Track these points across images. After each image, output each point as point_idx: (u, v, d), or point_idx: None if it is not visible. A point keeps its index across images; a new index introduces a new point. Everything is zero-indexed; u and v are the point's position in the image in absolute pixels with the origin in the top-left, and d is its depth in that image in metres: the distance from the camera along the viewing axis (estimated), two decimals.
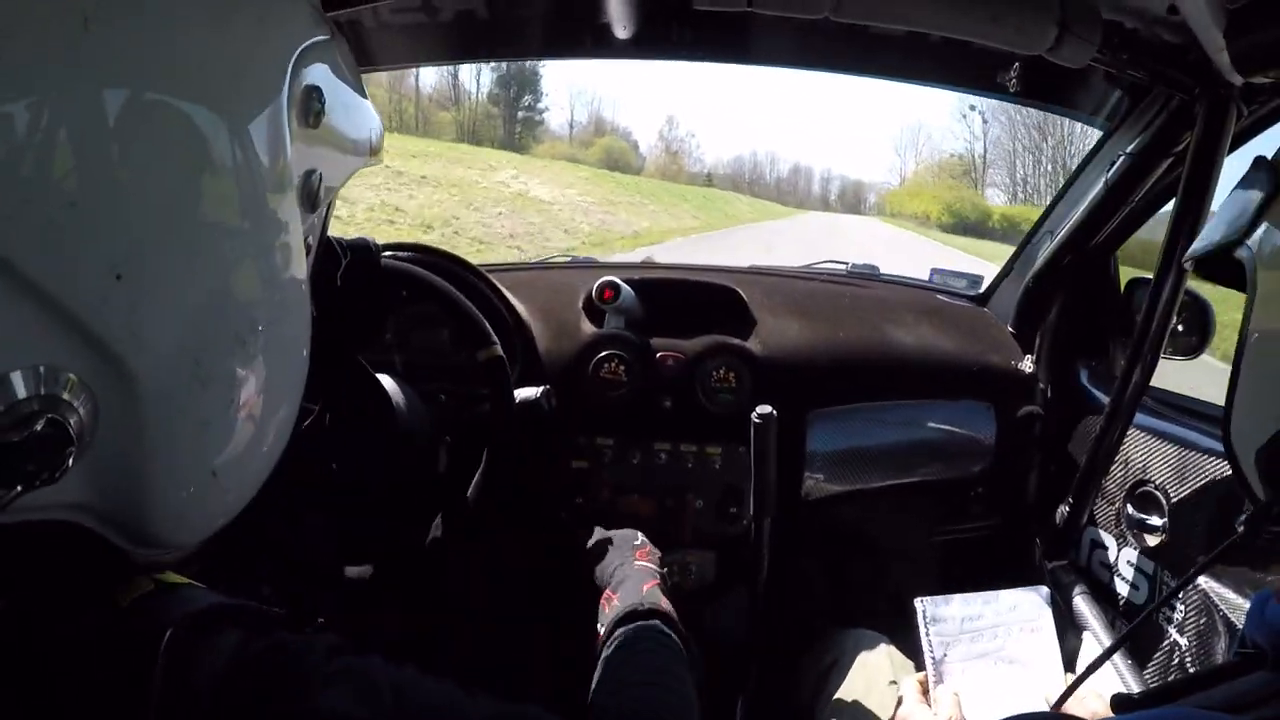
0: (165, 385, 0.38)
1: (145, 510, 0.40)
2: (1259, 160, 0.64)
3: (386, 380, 1.00)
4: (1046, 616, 0.90)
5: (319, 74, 0.46)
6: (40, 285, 0.32)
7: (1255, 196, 0.62)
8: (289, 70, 0.44)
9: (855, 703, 1.00)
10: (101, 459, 0.37)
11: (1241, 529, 0.57)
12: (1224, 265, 0.64)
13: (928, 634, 0.89)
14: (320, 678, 0.41)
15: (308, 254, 0.50)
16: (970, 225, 31.68)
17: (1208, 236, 0.70)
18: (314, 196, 0.48)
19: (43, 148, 0.32)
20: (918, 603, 0.91)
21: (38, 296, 0.33)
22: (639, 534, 0.97)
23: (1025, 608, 0.91)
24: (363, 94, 0.56)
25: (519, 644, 1.32)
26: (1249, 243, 0.62)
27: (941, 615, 0.90)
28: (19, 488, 0.33)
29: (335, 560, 1.18)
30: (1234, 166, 0.92)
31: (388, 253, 1.15)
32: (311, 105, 0.45)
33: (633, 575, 0.86)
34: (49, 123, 0.32)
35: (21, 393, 0.33)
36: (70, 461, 0.34)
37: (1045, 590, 0.95)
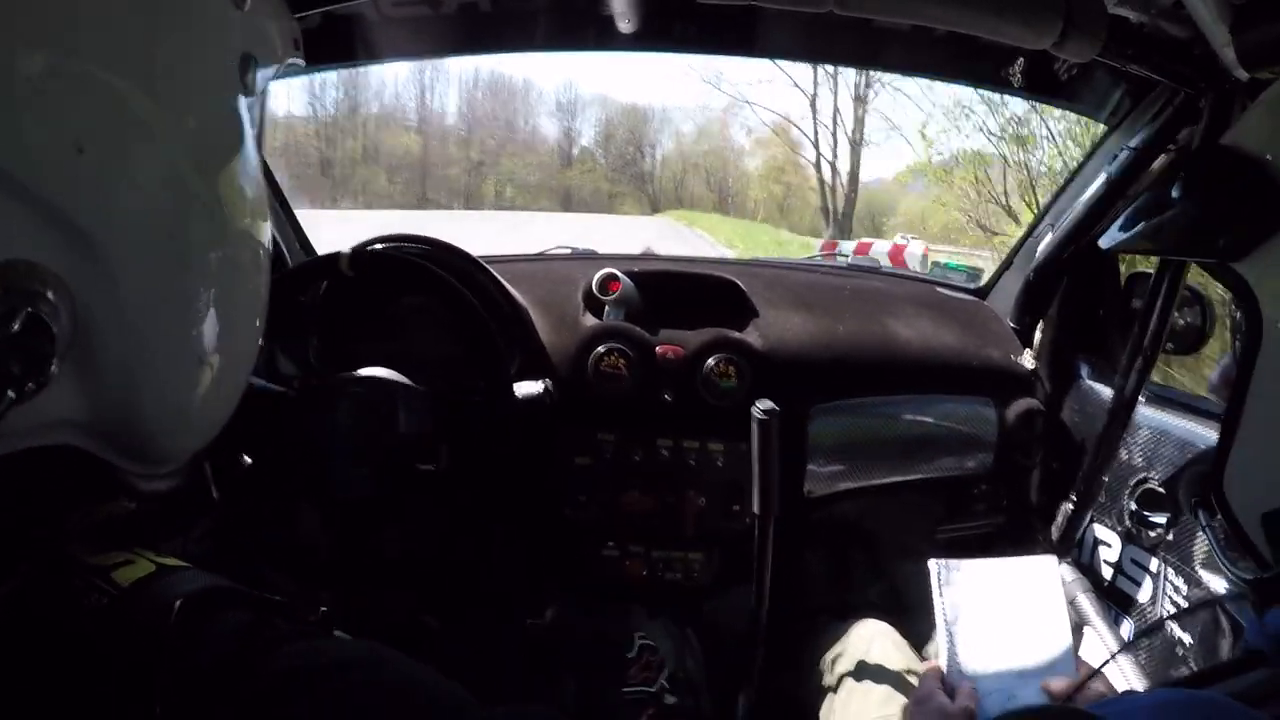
0: (142, 263, 0.38)
1: (139, 411, 0.39)
2: (1250, 173, 0.57)
3: (386, 373, 1.00)
4: (1055, 583, 0.91)
5: None
6: (4, 168, 0.32)
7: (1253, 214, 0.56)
8: None
9: (860, 693, 1.00)
10: (88, 359, 0.36)
11: (1248, 586, 0.54)
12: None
13: (941, 596, 0.90)
14: (344, 656, 0.41)
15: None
16: None
17: (1181, 235, 0.62)
18: (250, 81, 0.48)
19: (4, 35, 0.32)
20: (931, 564, 0.92)
21: (3, 182, 0.32)
22: None
23: (1034, 574, 0.92)
24: None
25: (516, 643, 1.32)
26: (1247, 261, 0.57)
27: (954, 579, 0.91)
28: (10, 394, 0.31)
29: (332, 558, 1.18)
30: None
31: (397, 244, 1.15)
32: None
33: None
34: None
35: None
36: (56, 364, 0.34)
37: (1053, 559, 0.95)
